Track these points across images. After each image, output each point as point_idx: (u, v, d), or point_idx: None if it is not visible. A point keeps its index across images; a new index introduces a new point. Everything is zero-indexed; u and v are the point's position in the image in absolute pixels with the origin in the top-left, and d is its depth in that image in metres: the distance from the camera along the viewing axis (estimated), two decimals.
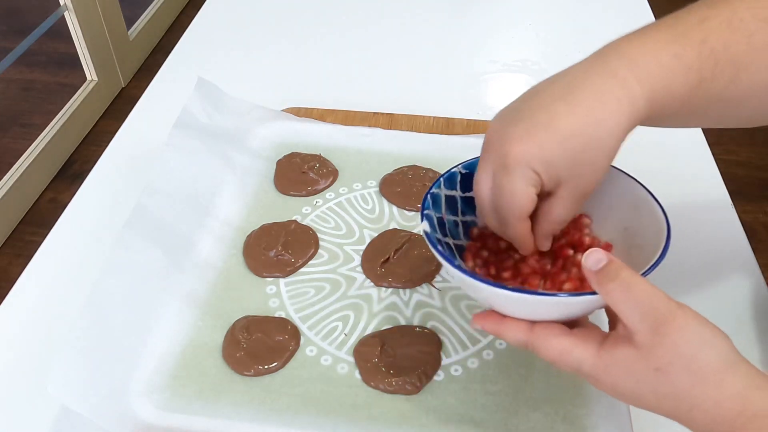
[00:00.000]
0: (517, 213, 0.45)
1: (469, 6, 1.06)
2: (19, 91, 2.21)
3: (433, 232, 0.48)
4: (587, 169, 0.44)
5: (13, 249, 1.74)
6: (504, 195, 0.45)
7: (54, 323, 0.61)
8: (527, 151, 0.43)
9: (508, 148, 0.44)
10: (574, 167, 0.44)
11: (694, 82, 0.43)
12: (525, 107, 0.45)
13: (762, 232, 1.71)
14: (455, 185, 0.52)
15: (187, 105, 0.70)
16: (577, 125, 0.43)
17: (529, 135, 0.43)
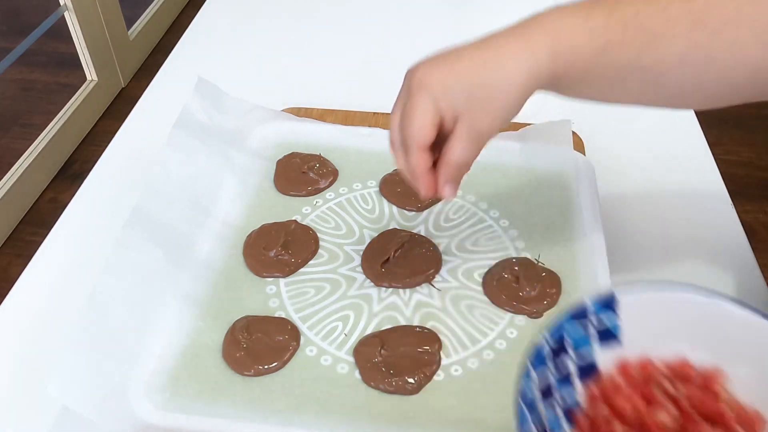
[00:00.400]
0: (417, 136, 0.48)
1: (469, 6, 1.06)
2: (19, 91, 2.21)
3: None
4: (482, 106, 0.47)
5: (13, 249, 1.74)
6: (407, 117, 0.48)
7: (54, 323, 0.61)
8: (429, 76, 0.47)
9: (414, 74, 0.48)
10: (469, 101, 0.47)
11: (600, 44, 0.45)
12: (444, 53, 0.49)
13: (762, 232, 1.71)
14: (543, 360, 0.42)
15: (187, 105, 0.70)
16: (477, 64, 0.47)
17: (435, 66, 0.48)
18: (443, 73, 0.47)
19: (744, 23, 0.44)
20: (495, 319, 0.58)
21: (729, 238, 0.68)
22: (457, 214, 0.67)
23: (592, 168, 0.69)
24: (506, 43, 0.47)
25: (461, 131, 0.48)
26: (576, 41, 0.46)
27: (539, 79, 0.46)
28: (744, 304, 0.42)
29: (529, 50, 0.46)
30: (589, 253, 0.61)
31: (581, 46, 0.46)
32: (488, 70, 0.46)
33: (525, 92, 0.47)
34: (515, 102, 0.47)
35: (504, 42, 0.47)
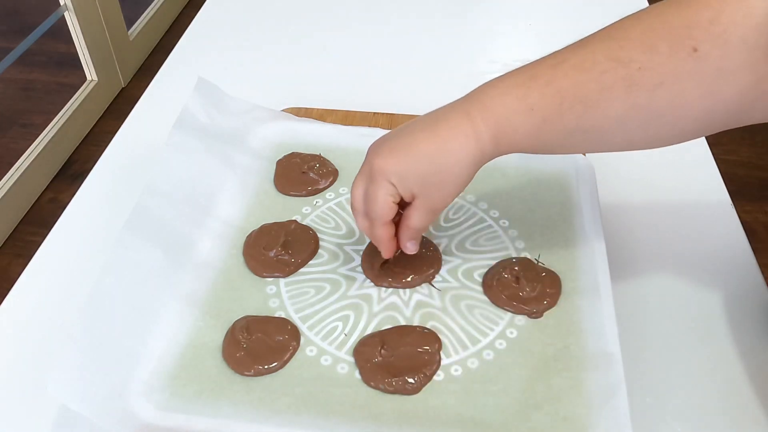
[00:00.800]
0: (379, 216, 0.54)
1: (469, 6, 1.06)
2: (19, 91, 2.21)
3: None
4: (436, 188, 0.53)
5: (13, 249, 1.74)
6: (369, 201, 0.54)
7: (54, 323, 0.61)
8: (387, 165, 0.52)
9: (374, 161, 0.53)
10: (424, 185, 0.52)
11: (537, 121, 0.49)
12: (398, 133, 0.54)
13: (762, 232, 1.71)
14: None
15: (187, 105, 0.70)
16: (430, 151, 0.51)
17: (391, 153, 0.53)
18: (397, 162, 0.52)
19: (683, 79, 0.45)
20: (495, 319, 0.58)
21: (729, 238, 0.68)
22: (457, 214, 0.67)
23: (592, 168, 0.69)
24: (454, 129, 0.51)
25: (418, 206, 0.54)
26: (515, 122, 0.50)
27: (484, 157, 0.52)
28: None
29: (473, 136, 0.50)
30: (589, 253, 0.61)
31: (520, 126, 0.50)
32: (438, 158, 0.51)
33: (472, 170, 0.52)
34: (464, 179, 0.52)
35: (452, 128, 0.51)
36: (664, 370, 0.56)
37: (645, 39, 0.47)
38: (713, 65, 0.45)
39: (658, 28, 0.47)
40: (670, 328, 0.60)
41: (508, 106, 0.50)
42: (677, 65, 0.45)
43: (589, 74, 0.47)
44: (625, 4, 1.07)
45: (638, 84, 0.46)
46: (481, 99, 0.51)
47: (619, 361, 0.51)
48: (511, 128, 0.50)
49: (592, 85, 0.47)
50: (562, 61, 0.49)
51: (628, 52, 0.47)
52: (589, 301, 0.57)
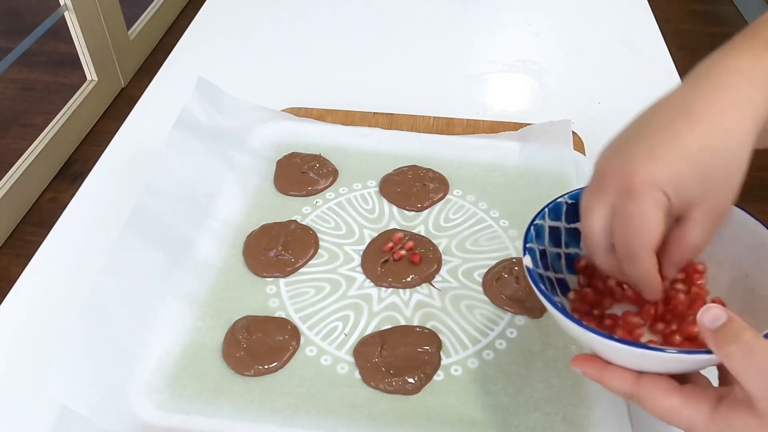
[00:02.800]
0: (647, 243, 0.41)
1: (469, 6, 1.06)
2: (19, 91, 2.21)
3: (535, 267, 0.45)
4: (721, 184, 0.41)
5: (13, 249, 1.74)
6: (632, 224, 0.41)
7: (54, 323, 0.61)
8: (655, 171, 0.40)
9: (631, 171, 0.41)
10: (707, 184, 0.41)
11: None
12: (638, 132, 0.43)
13: None
14: (560, 216, 0.49)
15: (187, 105, 0.70)
16: (703, 139, 0.40)
17: (653, 155, 0.41)
18: (669, 162, 0.40)
19: None
20: (495, 319, 0.58)
21: None
22: (457, 214, 0.67)
23: (592, 168, 0.69)
24: (717, 103, 0.41)
25: (701, 217, 0.42)
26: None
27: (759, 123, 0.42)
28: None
29: (746, 105, 0.41)
30: None
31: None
32: (717, 141, 0.41)
33: (753, 144, 0.42)
34: (748, 160, 0.42)
35: (714, 102, 0.41)
36: None
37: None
38: None
39: None
40: None
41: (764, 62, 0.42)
42: None
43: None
44: (624, 4, 1.07)
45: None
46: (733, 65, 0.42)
47: None
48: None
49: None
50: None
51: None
52: None
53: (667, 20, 1.02)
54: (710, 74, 0.42)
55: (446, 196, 0.69)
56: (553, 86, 0.90)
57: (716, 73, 0.42)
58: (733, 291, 0.47)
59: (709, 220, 0.42)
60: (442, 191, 0.69)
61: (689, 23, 2.57)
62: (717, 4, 2.70)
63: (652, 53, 0.94)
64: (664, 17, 1.14)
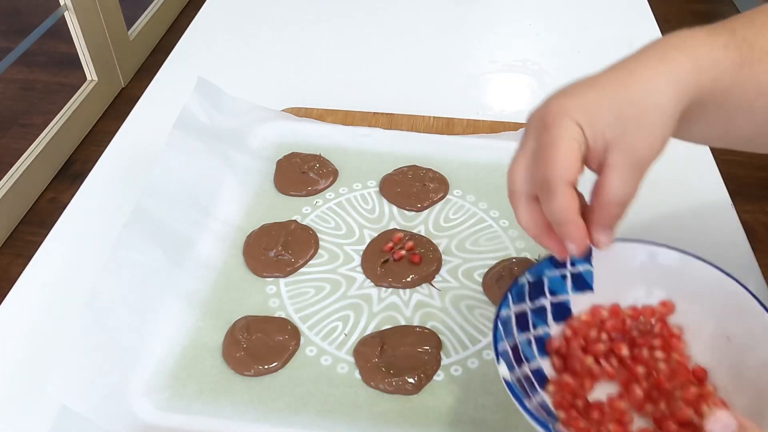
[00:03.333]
0: (561, 170, 0.40)
1: (469, 6, 1.06)
2: (19, 91, 2.21)
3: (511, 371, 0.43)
4: (638, 129, 0.40)
5: (13, 249, 1.74)
6: (545, 153, 0.40)
7: (54, 323, 0.61)
8: (567, 103, 0.41)
9: (548, 106, 0.41)
10: (622, 124, 0.40)
11: (736, 58, 0.42)
12: (577, 81, 0.43)
13: (762, 232, 1.71)
14: (524, 297, 0.48)
15: (187, 105, 0.70)
16: (620, 82, 0.41)
17: (572, 93, 0.41)
18: (583, 97, 0.41)
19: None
20: None
21: (729, 238, 0.68)
22: (457, 214, 0.67)
23: None
24: (643, 64, 0.42)
25: (617, 160, 0.40)
26: (714, 56, 0.42)
27: (688, 90, 0.41)
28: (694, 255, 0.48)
29: (671, 62, 0.41)
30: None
31: (721, 61, 0.42)
32: (635, 86, 0.41)
33: (677, 108, 0.41)
34: (670, 118, 0.41)
35: (640, 64, 0.42)
36: None
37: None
38: None
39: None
40: None
41: (700, 39, 0.42)
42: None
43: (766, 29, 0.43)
44: (624, 4, 1.07)
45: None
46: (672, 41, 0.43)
47: None
48: (710, 59, 0.42)
49: None
50: (732, 20, 0.44)
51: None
52: None
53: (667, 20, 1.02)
54: (656, 46, 0.43)
55: (446, 196, 0.69)
56: (553, 86, 0.89)
57: (662, 46, 0.43)
58: (717, 357, 0.45)
59: (627, 166, 0.40)
60: (442, 191, 0.69)
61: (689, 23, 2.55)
62: (717, 4, 2.70)
63: None
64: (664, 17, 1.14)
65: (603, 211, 0.41)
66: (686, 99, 0.41)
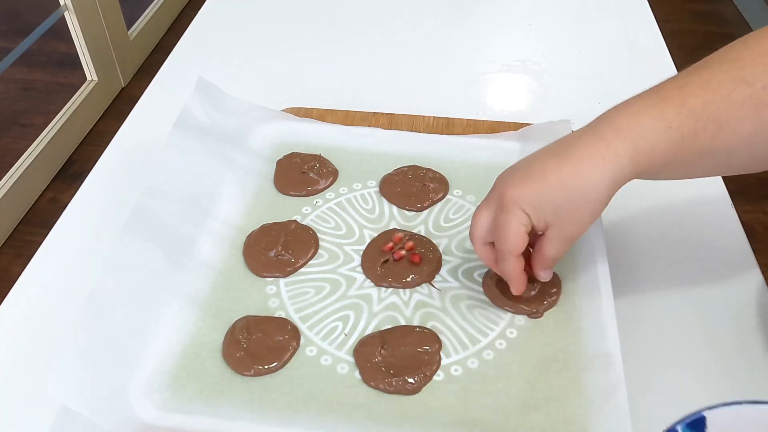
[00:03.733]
0: (511, 247, 0.52)
1: (469, 6, 1.06)
2: (19, 91, 2.21)
3: None
4: (570, 217, 0.51)
5: (13, 249, 1.74)
6: (500, 231, 0.52)
7: (54, 323, 0.61)
8: (520, 195, 0.51)
9: (505, 191, 0.52)
10: (558, 213, 0.51)
11: (676, 139, 0.49)
12: (527, 161, 0.53)
13: (762, 232, 1.71)
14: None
15: (187, 105, 0.70)
16: (563, 177, 0.50)
17: (524, 182, 0.52)
18: (530, 192, 0.51)
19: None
20: (495, 319, 0.58)
21: (729, 238, 0.68)
22: (457, 214, 0.67)
23: None
24: (588, 153, 0.50)
25: (552, 236, 0.52)
26: (654, 142, 0.49)
27: (621, 180, 0.50)
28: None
29: (611, 158, 0.49)
30: (589, 253, 0.61)
31: (659, 146, 0.49)
32: (574, 185, 0.50)
33: (609, 193, 0.50)
34: (600, 205, 0.51)
35: (586, 152, 0.50)
36: (664, 370, 0.56)
37: (762, 60, 0.48)
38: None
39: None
40: (669, 328, 0.60)
41: (644, 125, 0.49)
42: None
43: (716, 94, 0.48)
44: (624, 4, 1.07)
45: (765, 102, 0.47)
46: (614, 120, 0.50)
47: (618, 361, 0.51)
48: (649, 146, 0.49)
49: (722, 105, 0.48)
50: (686, 83, 0.49)
51: (750, 73, 0.48)
52: (589, 301, 0.57)
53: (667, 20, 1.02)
54: (595, 126, 0.51)
55: (446, 196, 0.69)
56: (553, 86, 0.90)
57: (599, 126, 0.51)
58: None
59: (560, 241, 0.53)
60: (442, 191, 0.69)
61: (689, 23, 2.57)
62: (717, 4, 2.70)
63: (652, 53, 0.94)
64: (664, 17, 1.14)
65: (540, 262, 0.55)
66: (619, 185, 0.51)
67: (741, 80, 0.48)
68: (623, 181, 0.50)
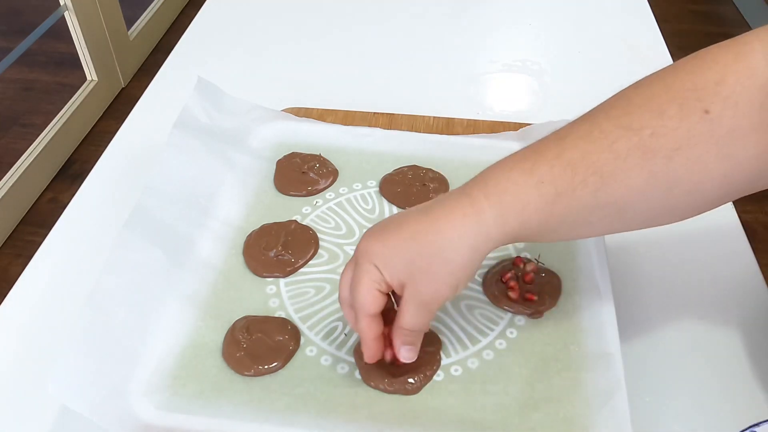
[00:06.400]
0: (361, 306, 0.48)
1: (469, 6, 1.06)
2: (19, 91, 2.21)
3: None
4: (422, 273, 0.46)
5: (13, 249, 1.74)
6: (353, 287, 0.48)
7: (54, 323, 0.61)
8: (371, 247, 0.47)
9: (360, 244, 0.48)
10: (411, 270, 0.46)
11: (550, 194, 0.44)
12: (391, 217, 0.50)
13: (762, 232, 1.71)
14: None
15: (187, 105, 0.70)
16: (419, 231, 0.46)
17: (379, 234, 0.48)
18: (383, 244, 0.47)
19: (699, 142, 0.43)
20: (495, 319, 0.58)
21: (729, 238, 0.68)
22: None
23: None
24: (450, 209, 0.46)
25: (407, 299, 0.47)
26: (524, 199, 0.45)
27: (489, 240, 0.46)
28: None
29: (473, 214, 0.45)
30: (589, 253, 0.61)
31: (530, 203, 0.45)
32: (429, 239, 0.46)
33: (473, 255, 0.46)
34: (460, 267, 0.46)
35: (448, 208, 0.46)
36: (664, 370, 0.56)
37: (651, 105, 0.44)
38: (726, 126, 0.43)
39: (662, 93, 0.44)
40: (669, 328, 0.60)
41: (513, 180, 0.45)
42: (691, 128, 0.43)
43: (599, 144, 0.44)
44: (624, 4, 1.07)
45: (654, 150, 0.43)
46: (482, 178, 0.47)
47: (618, 361, 0.51)
48: (519, 204, 0.45)
49: (605, 155, 0.44)
50: (567, 134, 0.46)
51: (637, 119, 0.44)
52: (589, 301, 0.57)
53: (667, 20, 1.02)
54: (467, 184, 0.47)
55: None
56: (553, 86, 0.90)
57: (469, 184, 0.47)
58: None
59: (415, 305, 0.47)
60: (442, 191, 0.69)
61: (689, 23, 2.57)
62: (717, 4, 2.70)
63: (652, 53, 0.94)
64: (664, 17, 1.14)
65: (398, 333, 0.49)
66: (487, 246, 0.46)
67: (626, 127, 0.44)
68: (491, 244, 0.46)
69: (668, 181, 0.44)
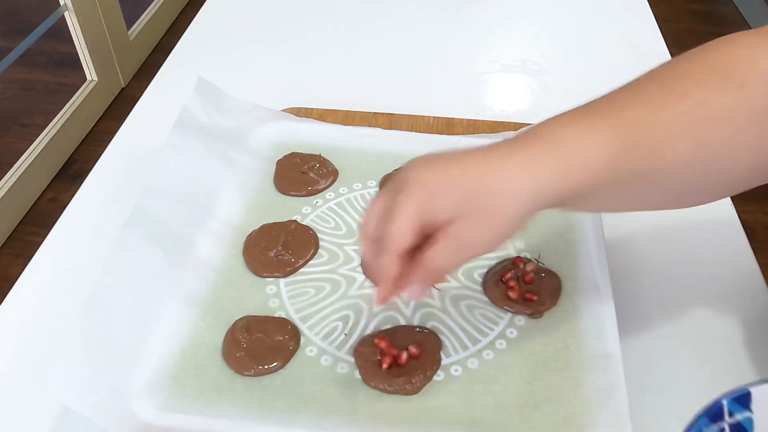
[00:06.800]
0: (395, 241, 0.43)
1: (469, 6, 1.06)
2: (19, 91, 2.21)
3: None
4: (479, 212, 0.42)
5: (13, 249, 1.74)
6: (389, 215, 0.44)
7: (54, 323, 0.61)
8: (424, 173, 0.44)
9: (410, 170, 0.44)
10: (465, 204, 0.42)
11: (613, 152, 0.43)
12: (442, 153, 0.46)
13: (762, 232, 1.71)
14: None
15: (187, 105, 0.70)
16: (480, 169, 0.43)
17: (431, 166, 0.44)
18: (441, 172, 0.43)
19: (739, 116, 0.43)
20: (495, 319, 0.58)
21: (729, 238, 0.68)
22: None
23: None
24: (509, 156, 0.43)
25: (448, 238, 0.43)
26: (588, 155, 0.43)
27: (545, 197, 0.43)
28: None
29: (529, 164, 0.43)
30: (589, 253, 0.61)
31: (594, 160, 0.43)
32: (492, 177, 0.43)
33: (527, 209, 0.43)
34: (514, 218, 0.43)
35: (507, 155, 0.44)
36: (664, 370, 0.56)
37: (694, 75, 0.44)
38: (762, 102, 0.43)
39: (702, 67, 0.44)
40: (669, 328, 0.60)
41: (575, 137, 0.43)
42: (732, 101, 0.43)
43: (648, 108, 0.44)
44: (625, 4, 1.07)
45: (700, 118, 0.43)
46: (540, 132, 0.44)
47: (618, 361, 0.51)
48: (583, 162, 0.43)
49: (657, 119, 0.43)
50: (615, 99, 0.45)
51: (682, 86, 0.44)
52: (589, 301, 0.57)
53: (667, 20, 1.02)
54: (525, 134, 0.45)
55: None
56: (553, 86, 0.90)
57: (523, 136, 0.45)
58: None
59: (456, 246, 0.43)
60: None
61: (689, 23, 2.57)
62: (717, 4, 2.70)
63: (652, 53, 0.94)
64: (664, 17, 1.14)
65: (421, 273, 0.45)
66: (541, 203, 0.43)
67: (674, 92, 0.44)
68: (546, 200, 0.43)
69: (709, 155, 0.44)
